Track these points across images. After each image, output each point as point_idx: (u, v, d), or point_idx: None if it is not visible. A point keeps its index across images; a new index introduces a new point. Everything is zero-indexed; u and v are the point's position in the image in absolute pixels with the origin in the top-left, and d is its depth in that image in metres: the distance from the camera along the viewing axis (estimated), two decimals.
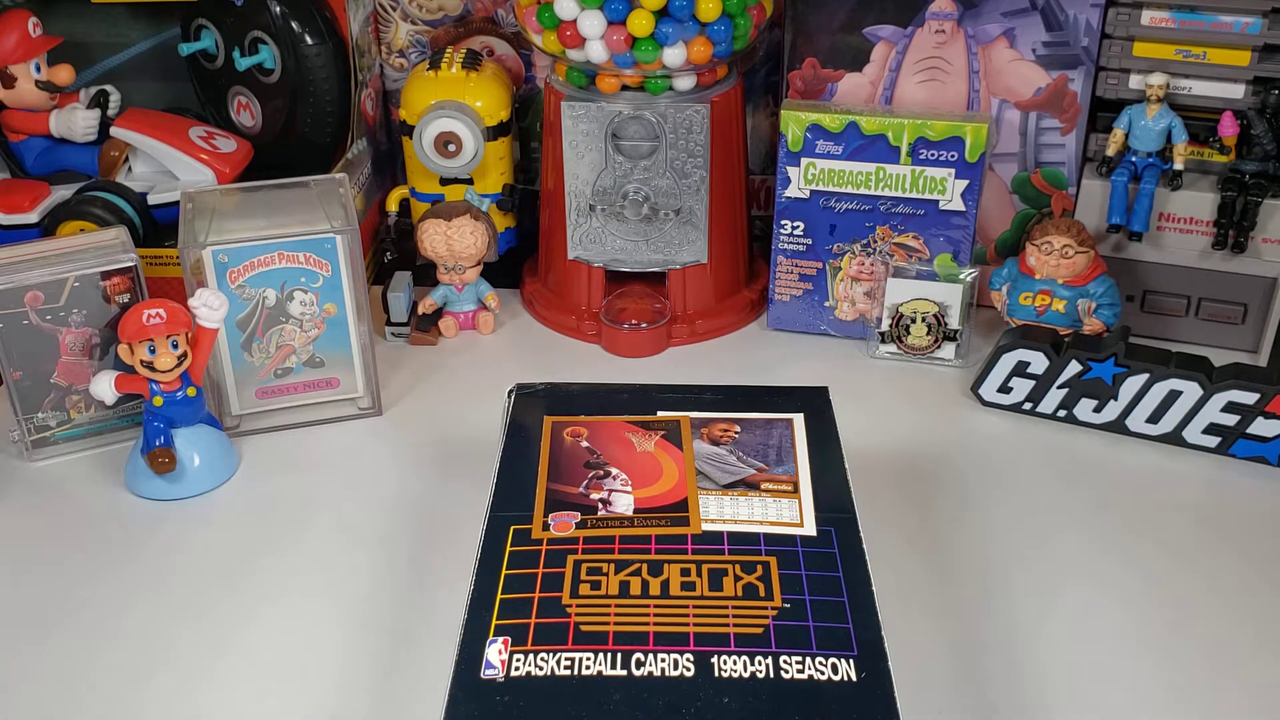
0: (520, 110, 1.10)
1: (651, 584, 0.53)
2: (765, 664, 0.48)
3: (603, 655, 0.48)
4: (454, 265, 0.99)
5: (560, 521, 0.58)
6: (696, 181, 0.96)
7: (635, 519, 0.57)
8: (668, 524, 0.57)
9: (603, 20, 0.89)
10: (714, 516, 0.57)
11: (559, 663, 0.48)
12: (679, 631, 0.50)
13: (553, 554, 0.55)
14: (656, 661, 0.48)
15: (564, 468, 0.62)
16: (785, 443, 0.63)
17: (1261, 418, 0.82)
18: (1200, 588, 0.73)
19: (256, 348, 0.88)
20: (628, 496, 0.59)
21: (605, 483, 0.60)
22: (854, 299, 0.99)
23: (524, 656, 0.49)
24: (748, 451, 0.63)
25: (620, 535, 0.56)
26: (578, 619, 0.51)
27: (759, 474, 0.61)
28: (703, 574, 0.53)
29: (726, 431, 0.64)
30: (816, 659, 0.48)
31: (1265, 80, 0.90)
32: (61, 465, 0.86)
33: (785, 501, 0.59)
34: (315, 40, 1.00)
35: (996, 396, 0.90)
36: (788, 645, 0.49)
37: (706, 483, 0.60)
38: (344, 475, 0.85)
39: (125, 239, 0.87)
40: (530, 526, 0.57)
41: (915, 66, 0.97)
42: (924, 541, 0.77)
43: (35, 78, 1.01)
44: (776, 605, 0.51)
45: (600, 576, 0.53)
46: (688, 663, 0.48)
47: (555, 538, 0.56)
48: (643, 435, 0.64)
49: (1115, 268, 0.95)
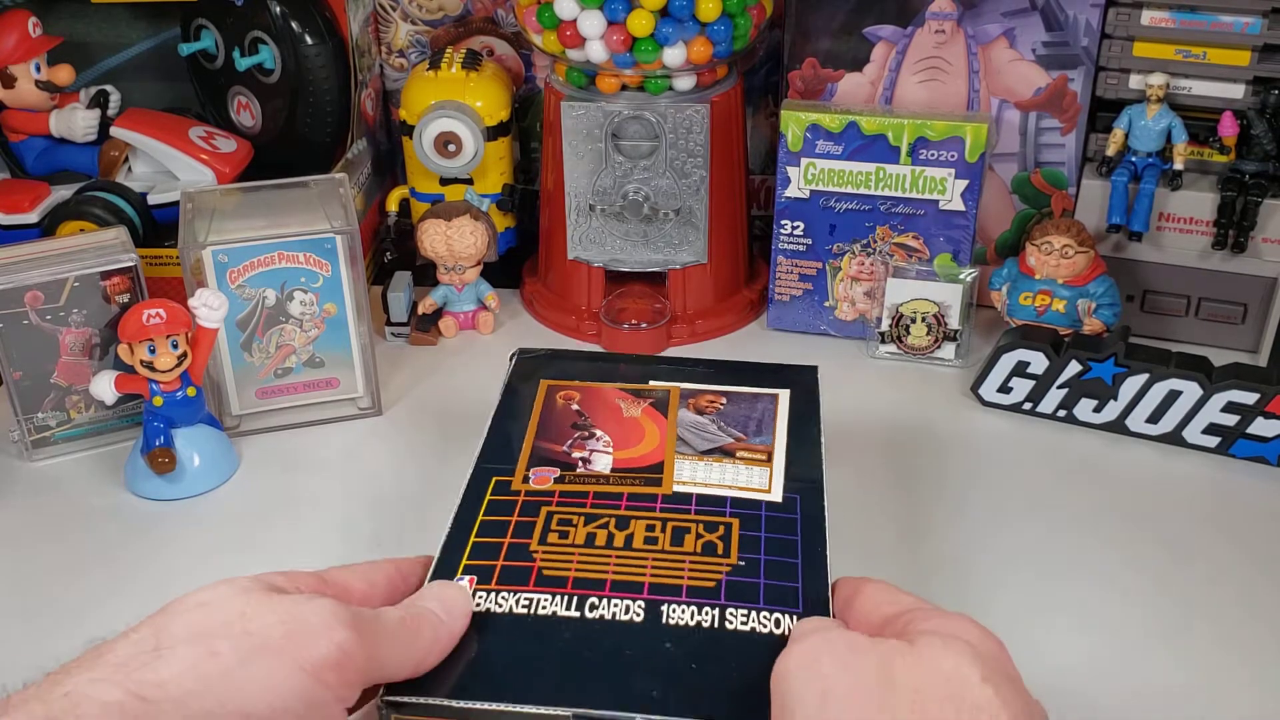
0: (520, 110, 1.10)
1: (616, 537, 0.55)
2: (712, 614, 0.50)
3: (560, 598, 0.50)
4: (454, 265, 0.99)
5: (540, 475, 0.60)
6: (696, 181, 0.96)
7: (611, 477, 0.59)
8: (641, 483, 0.59)
9: (603, 20, 0.89)
10: (686, 479, 0.59)
11: (518, 602, 0.50)
12: (635, 581, 0.51)
13: (528, 504, 0.57)
14: (609, 606, 0.50)
15: (552, 427, 0.64)
16: (768, 416, 0.65)
17: (1261, 418, 0.82)
18: (1200, 588, 0.73)
19: (256, 348, 0.88)
20: (607, 457, 0.61)
21: (588, 443, 0.62)
22: (854, 299, 0.99)
23: (486, 594, 0.51)
24: (729, 422, 0.64)
25: (595, 491, 0.58)
26: (542, 564, 0.53)
27: (736, 443, 0.62)
28: (667, 530, 0.55)
29: (713, 403, 0.66)
30: (761, 613, 0.50)
31: (1265, 80, 0.90)
32: (61, 465, 0.86)
33: (757, 469, 0.60)
34: (315, 40, 1.00)
35: (996, 396, 0.90)
36: (735, 599, 0.51)
37: (685, 448, 0.62)
38: (344, 475, 0.85)
39: (125, 239, 0.87)
40: (511, 478, 0.59)
41: (915, 66, 0.97)
42: (924, 541, 0.77)
43: (35, 78, 1.01)
44: (732, 562, 0.53)
45: (570, 528, 0.55)
46: (638, 609, 0.50)
47: (533, 490, 0.58)
48: (631, 402, 0.66)
49: (1115, 268, 0.95)
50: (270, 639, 0.41)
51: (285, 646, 0.40)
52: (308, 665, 0.40)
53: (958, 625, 0.45)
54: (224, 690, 0.39)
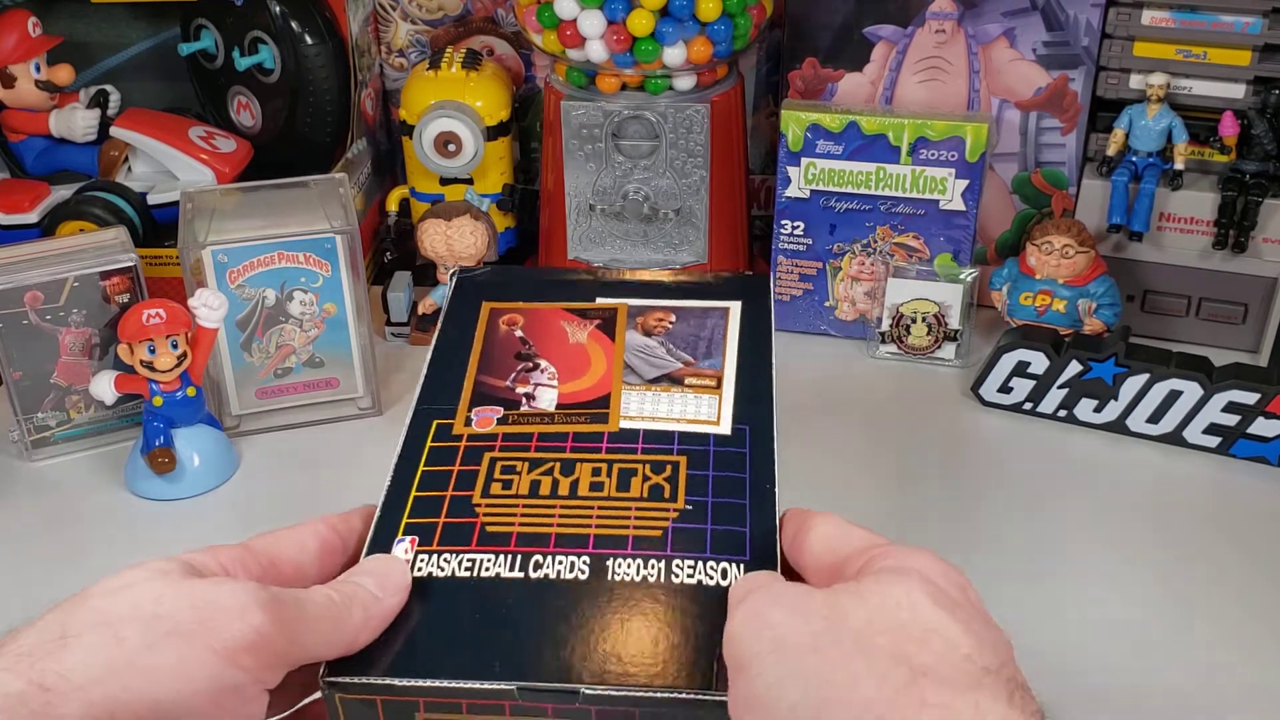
0: (520, 110, 1.10)
1: (561, 484, 0.53)
2: (658, 568, 0.48)
3: (503, 557, 0.49)
4: (454, 265, 0.99)
5: (482, 417, 0.57)
6: (696, 181, 0.96)
7: (556, 415, 0.57)
8: (587, 420, 0.57)
9: (603, 20, 0.89)
10: (633, 414, 0.57)
11: (460, 564, 0.49)
12: (580, 534, 0.50)
13: (470, 451, 0.55)
14: (554, 564, 0.48)
15: (495, 359, 0.61)
16: (717, 334, 0.62)
17: (1262, 418, 0.82)
18: (1201, 588, 0.73)
19: (256, 348, 0.88)
20: (552, 391, 0.59)
21: (533, 375, 0.60)
22: (854, 299, 0.99)
23: (428, 557, 0.49)
24: (678, 344, 0.62)
25: (539, 433, 0.56)
26: (484, 519, 0.51)
27: (684, 369, 0.60)
28: (613, 474, 0.53)
29: (661, 321, 0.63)
30: (708, 564, 0.48)
31: (1266, 80, 0.90)
32: (61, 465, 0.86)
33: (706, 398, 0.58)
34: (315, 40, 1.00)
35: (997, 396, 0.90)
36: (682, 549, 0.49)
37: (632, 377, 0.59)
38: (344, 475, 0.85)
39: (125, 239, 0.87)
40: (453, 421, 0.57)
41: (915, 66, 0.97)
42: (924, 541, 0.76)
43: (35, 78, 1.01)
44: (679, 507, 0.51)
45: (513, 475, 0.53)
46: (583, 565, 0.48)
47: (475, 434, 0.56)
48: (578, 325, 0.63)
49: (1115, 268, 0.94)
50: (180, 623, 0.40)
51: (196, 630, 0.40)
52: (220, 648, 0.39)
53: (916, 559, 0.43)
54: (129, 676, 0.38)
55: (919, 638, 0.39)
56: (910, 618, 0.40)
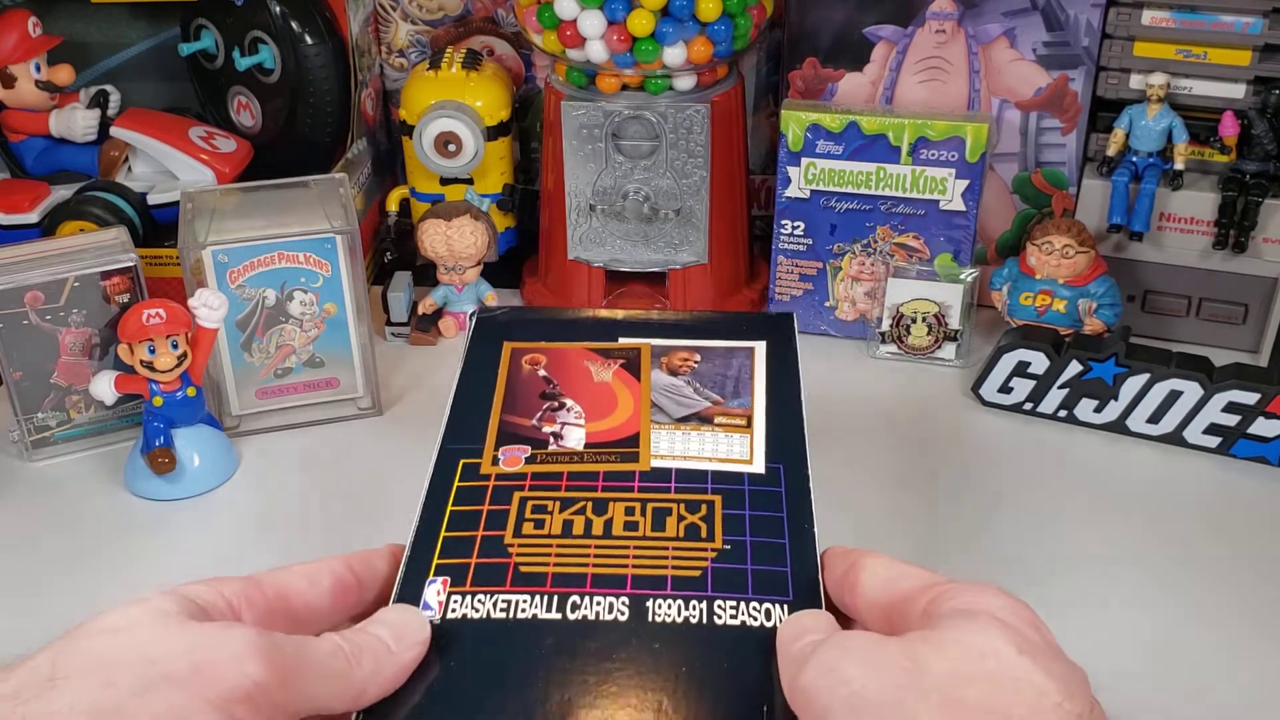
0: (520, 110, 1.10)
1: (595, 523, 0.52)
2: (700, 609, 0.47)
3: (539, 598, 0.48)
4: (454, 265, 0.99)
5: (510, 456, 0.56)
6: (696, 181, 0.96)
7: (585, 454, 0.56)
8: (617, 459, 0.56)
9: (603, 20, 0.89)
10: (664, 452, 0.56)
11: (495, 605, 0.48)
12: (617, 574, 0.49)
13: (500, 490, 0.54)
14: (592, 605, 0.47)
15: (519, 398, 0.60)
16: (744, 373, 0.62)
17: (1262, 418, 0.82)
18: (1201, 588, 0.73)
19: (256, 348, 0.88)
20: (580, 430, 0.58)
21: (559, 415, 0.59)
22: (854, 299, 0.99)
23: (461, 598, 0.48)
24: (705, 383, 0.61)
25: (569, 471, 0.55)
26: (518, 559, 0.50)
27: (713, 407, 0.59)
28: (647, 513, 0.52)
29: (686, 361, 0.63)
30: (751, 604, 0.48)
31: (1266, 80, 0.90)
32: (61, 465, 0.86)
33: (737, 437, 0.57)
34: (315, 40, 1.00)
35: (997, 396, 0.90)
36: (724, 589, 0.48)
37: (660, 416, 0.59)
38: (344, 475, 0.85)
39: (125, 239, 0.87)
40: (480, 460, 0.56)
41: (915, 66, 0.97)
42: (924, 541, 0.77)
43: (35, 78, 1.01)
44: (717, 547, 0.51)
45: (545, 515, 0.52)
46: (623, 606, 0.47)
47: (504, 473, 0.55)
48: (602, 364, 0.63)
49: (1116, 268, 0.94)
50: (174, 670, 0.38)
51: (190, 679, 0.38)
52: (214, 698, 0.38)
53: (984, 599, 0.42)
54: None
55: (1009, 688, 0.38)
56: (997, 667, 0.39)
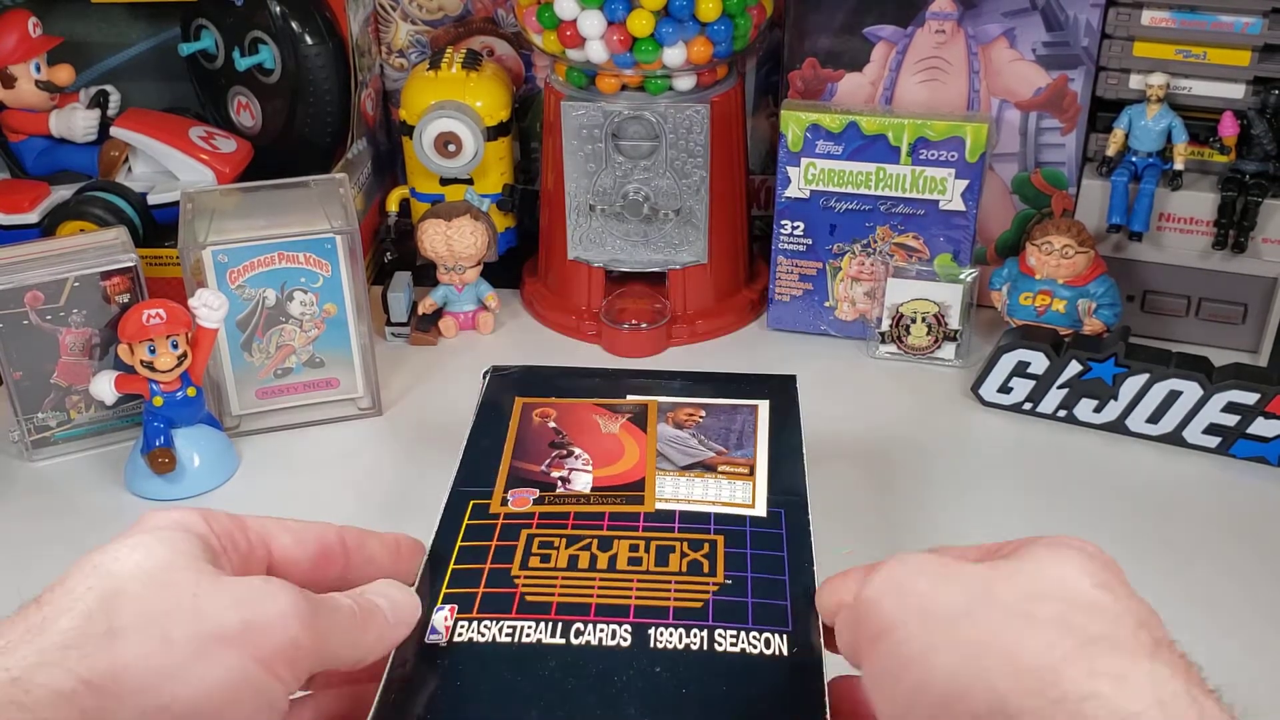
0: (520, 110, 1.10)
1: (600, 558, 0.53)
2: (700, 636, 0.48)
3: (544, 624, 0.49)
4: (454, 265, 0.99)
5: (519, 497, 0.58)
6: (696, 181, 0.96)
7: (592, 496, 0.58)
8: (622, 501, 0.58)
9: (603, 20, 0.89)
10: (668, 496, 0.58)
11: (500, 630, 0.49)
12: (620, 604, 0.50)
13: (507, 527, 0.56)
14: (595, 631, 0.49)
15: (529, 446, 0.63)
16: (748, 428, 0.64)
17: (1262, 418, 0.82)
18: (1201, 588, 0.73)
19: (256, 348, 0.88)
20: (587, 475, 0.60)
21: (567, 461, 0.61)
22: (854, 299, 0.99)
23: (468, 624, 0.49)
24: (709, 435, 0.64)
25: (575, 511, 0.57)
26: (524, 590, 0.51)
27: (717, 457, 0.61)
28: (650, 550, 0.54)
29: (691, 416, 0.65)
30: (751, 633, 0.49)
31: (1265, 80, 0.90)
32: (61, 465, 0.86)
33: (740, 484, 0.59)
34: (315, 40, 1.00)
35: (997, 396, 0.90)
36: (724, 620, 0.50)
37: (665, 464, 0.61)
38: (344, 475, 0.85)
39: (125, 239, 0.87)
40: (489, 501, 0.58)
41: (915, 66, 0.97)
42: (924, 542, 0.76)
43: (35, 78, 1.01)
44: (718, 581, 0.52)
45: (551, 550, 0.54)
46: (625, 633, 0.49)
47: (512, 512, 0.57)
48: (609, 418, 0.65)
49: (1115, 268, 0.95)
50: (225, 628, 0.39)
51: (241, 637, 0.39)
52: (263, 658, 0.39)
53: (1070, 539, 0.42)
54: (176, 686, 0.37)
55: (1085, 608, 0.38)
56: (1075, 591, 0.38)
